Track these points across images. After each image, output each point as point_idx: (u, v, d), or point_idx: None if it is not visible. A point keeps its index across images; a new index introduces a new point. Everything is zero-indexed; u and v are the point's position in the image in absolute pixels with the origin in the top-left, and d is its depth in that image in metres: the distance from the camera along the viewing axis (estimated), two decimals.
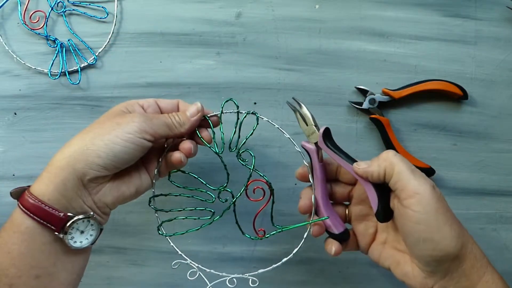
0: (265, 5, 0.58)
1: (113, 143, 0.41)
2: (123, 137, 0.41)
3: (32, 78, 0.56)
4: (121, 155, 0.41)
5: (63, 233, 0.40)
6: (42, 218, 0.39)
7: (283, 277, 0.58)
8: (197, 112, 0.45)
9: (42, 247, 0.40)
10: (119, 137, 0.41)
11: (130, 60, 0.57)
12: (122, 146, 0.41)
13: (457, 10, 0.59)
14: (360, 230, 0.47)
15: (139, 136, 0.42)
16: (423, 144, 0.58)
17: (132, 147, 0.42)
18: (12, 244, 0.39)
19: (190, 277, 0.47)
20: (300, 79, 0.58)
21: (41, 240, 0.40)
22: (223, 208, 0.46)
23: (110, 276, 0.57)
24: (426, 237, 0.39)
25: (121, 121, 0.42)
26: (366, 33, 0.58)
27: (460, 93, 0.57)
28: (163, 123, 0.44)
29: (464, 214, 0.59)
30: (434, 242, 0.39)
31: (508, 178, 0.59)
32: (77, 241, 0.41)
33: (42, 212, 0.39)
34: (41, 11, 0.56)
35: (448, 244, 0.39)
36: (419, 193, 0.39)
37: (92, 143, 0.41)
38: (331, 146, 0.44)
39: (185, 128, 0.45)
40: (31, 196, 0.40)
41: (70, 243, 0.41)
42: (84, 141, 0.41)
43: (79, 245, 0.41)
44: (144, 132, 0.42)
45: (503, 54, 0.59)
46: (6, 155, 0.56)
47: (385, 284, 0.59)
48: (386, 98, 0.57)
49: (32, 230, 0.39)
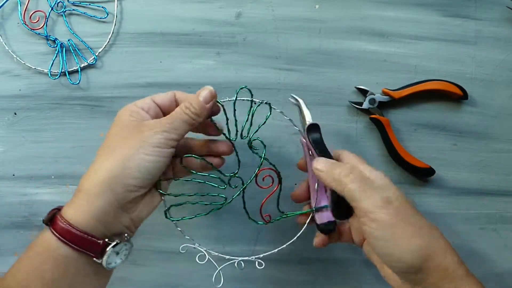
0: (265, 5, 0.58)
1: (145, 161, 0.40)
2: (153, 153, 0.40)
3: (32, 78, 0.56)
4: (154, 171, 0.41)
5: (100, 258, 0.40)
6: (80, 246, 0.39)
7: (283, 277, 0.58)
8: (211, 97, 0.43)
9: (75, 271, 0.40)
10: (149, 154, 0.40)
11: (130, 60, 0.57)
12: (154, 162, 0.40)
13: (457, 10, 0.59)
14: (355, 225, 0.47)
15: (166, 146, 0.41)
16: (423, 144, 0.58)
17: (163, 160, 0.41)
18: (45, 270, 0.38)
19: (199, 261, 0.47)
20: (300, 79, 0.58)
21: (76, 265, 0.40)
22: (231, 196, 0.47)
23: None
24: (384, 252, 0.40)
25: (144, 136, 0.41)
26: (366, 33, 0.58)
27: (460, 93, 0.57)
28: (182, 123, 0.42)
29: (464, 214, 0.59)
30: (394, 256, 0.39)
31: (508, 178, 0.59)
32: (112, 262, 0.41)
33: (80, 240, 0.39)
34: (41, 11, 0.56)
35: (407, 258, 0.39)
36: (372, 212, 0.39)
37: (124, 165, 0.40)
38: (312, 141, 0.46)
39: (202, 118, 0.43)
40: (65, 222, 0.39)
41: (107, 266, 0.41)
42: (114, 163, 0.40)
43: (113, 265, 0.41)
44: (170, 140, 0.41)
45: (503, 54, 0.59)
46: (6, 155, 0.56)
47: (385, 284, 0.59)
48: (386, 98, 0.57)
49: (68, 256, 0.39)
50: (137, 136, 0.41)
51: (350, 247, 0.58)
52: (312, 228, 0.49)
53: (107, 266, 0.41)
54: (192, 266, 0.57)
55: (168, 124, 0.42)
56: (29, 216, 0.56)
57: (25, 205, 0.56)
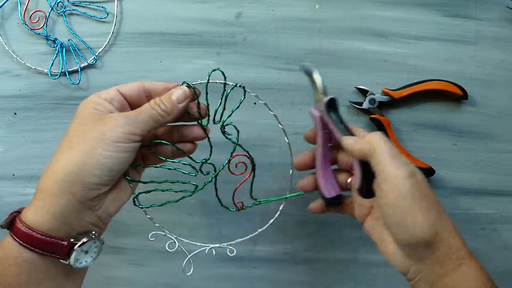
0: (265, 5, 0.58)
1: (104, 157, 0.38)
2: (113, 149, 0.38)
3: (32, 78, 0.56)
4: (115, 167, 0.39)
5: (67, 259, 0.38)
6: (44, 250, 0.37)
7: (283, 277, 0.58)
8: (184, 98, 0.42)
9: (42, 275, 0.38)
10: (109, 150, 0.38)
11: (130, 60, 0.57)
12: (114, 158, 0.38)
13: (457, 10, 0.59)
14: (358, 200, 0.46)
15: (128, 141, 0.39)
16: (423, 144, 0.58)
17: (124, 155, 0.39)
18: (9, 277, 0.37)
19: (169, 249, 0.47)
20: (300, 79, 0.58)
21: (42, 269, 0.38)
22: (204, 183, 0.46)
23: (110, 276, 0.57)
24: (398, 221, 0.39)
25: (104, 129, 0.38)
26: (366, 33, 0.58)
27: (460, 93, 0.57)
28: (148, 118, 0.40)
29: (464, 214, 0.59)
30: (405, 226, 0.39)
31: (508, 178, 0.59)
32: (82, 262, 0.39)
33: (43, 243, 0.37)
34: (41, 11, 0.56)
35: (420, 231, 0.38)
36: (394, 178, 0.39)
37: (82, 162, 0.37)
38: (333, 116, 0.45)
39: (172, 117, 0.41)
40: (26, 226, 0.37)
41: (76, 265, 0.39)
42: (72, 160, 0.37)
43: (84, 265, 0.40)
44: (131, 135, 0.39)
45: (503, 54, 0.59)
46: (6, 155, 0.56)
47: (385, 284, 0.59)
48: (386, 98, 0.57)
49: (32, 261, 0.37)
50: (97, 130, 0.38)
51: (350, 247, 0.59)
52: (310, 228, 0.49)
53: (76, 266, 0.39)
54: (192, 266, 0.58)
55: (133, 117, 0.39)
56: None
57: (25, 205, 0.55)
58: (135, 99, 0.43)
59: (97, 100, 0.41)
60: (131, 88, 0.42)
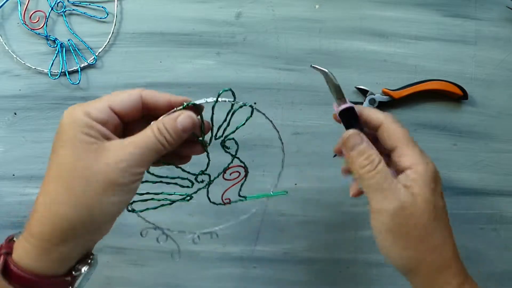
0: (265, 5, 0.58)
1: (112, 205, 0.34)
2: (120, 193, 0.34)
3: (32, 78, 0.56)
4: (121, 211, 0.35)
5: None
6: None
7: (283, 277, 0.58)
8: (192, 127, 0.36)
9: None
10: (117, 195, 0.33)
11: (130, 60, 0.57)
12: (122, 203, 0.35)
13: (457, 10, 0.59)
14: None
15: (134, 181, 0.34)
16: (423, 144, 0.58)
17: (130, 196, 0.35)
18: None
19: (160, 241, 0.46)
20: (300, 79, 0.58)
21: None
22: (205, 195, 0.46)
23: (110, 276, 0.57)
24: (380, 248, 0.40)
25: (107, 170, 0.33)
26: (366, 33, 0.58)
27: (460, 93, 0.57)
28: (151, 151, 0.35)
29: (464, 214, 0.59)
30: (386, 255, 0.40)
31: (508, 178, 0.59)
32: (82, 283, 0.38)
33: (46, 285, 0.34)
34: (41, 11, 0.56)
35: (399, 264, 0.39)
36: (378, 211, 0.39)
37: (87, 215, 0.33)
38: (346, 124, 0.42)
39: (176, 146, 0.36)
40: (23, 270, 0.33)
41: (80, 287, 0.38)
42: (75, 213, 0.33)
43: (84, 284, 0.38)
44: (138, 174, 0.34)
45: (503, 54, 0.59)
46: (6, 155, 0.56)
47: (385, 284, 0.59)
48: (386, 98, 0.57)
49: None
50: (98, 170, 0.33)
51: (350, 247, 0.59)
52: (310, 228, 0.49)
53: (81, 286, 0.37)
54: (192, 266, 0.58)
55: (138, 154, 0.34)
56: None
57: (25, 205, 0.56)
58: (129, 113, 0.36)
59: (88, 122, 0.33)
60: (126, 103, 0.36)
